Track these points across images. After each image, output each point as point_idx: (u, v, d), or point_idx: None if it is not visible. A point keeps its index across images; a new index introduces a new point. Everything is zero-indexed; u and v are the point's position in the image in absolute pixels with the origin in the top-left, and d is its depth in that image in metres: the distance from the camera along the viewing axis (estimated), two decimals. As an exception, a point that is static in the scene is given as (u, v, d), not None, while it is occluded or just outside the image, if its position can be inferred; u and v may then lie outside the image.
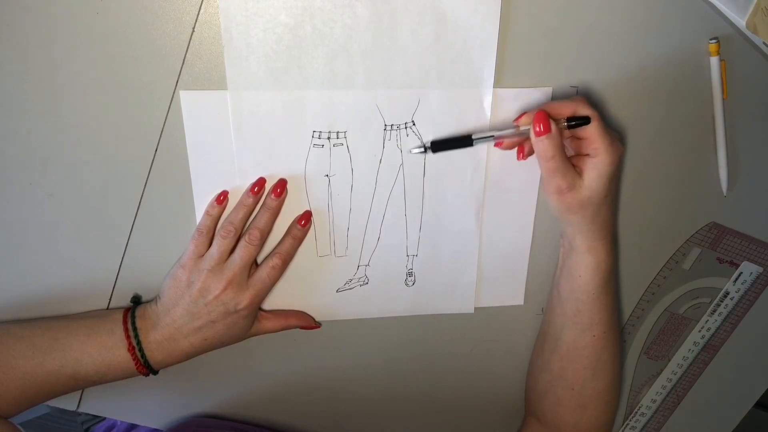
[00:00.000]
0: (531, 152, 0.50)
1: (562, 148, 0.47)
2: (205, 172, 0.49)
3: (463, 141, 0.50)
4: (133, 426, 0.65)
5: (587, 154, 0.48)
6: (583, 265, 0.52)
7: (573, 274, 0.52)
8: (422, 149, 0.51)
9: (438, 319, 0.59)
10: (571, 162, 0.48)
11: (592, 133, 0.47)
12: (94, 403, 0.56)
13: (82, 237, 0.50)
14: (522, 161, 0.52)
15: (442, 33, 0.48)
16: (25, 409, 0.48)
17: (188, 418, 0.58)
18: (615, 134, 0.48)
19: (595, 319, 0.53)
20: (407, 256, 0.55)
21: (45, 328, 0.48)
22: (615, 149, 0.47)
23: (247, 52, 0.46)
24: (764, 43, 0.52)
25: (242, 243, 0.49)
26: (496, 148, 0.52)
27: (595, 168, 0.47)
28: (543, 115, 0.46)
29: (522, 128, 0.48)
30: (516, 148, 0.52)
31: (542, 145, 0.46)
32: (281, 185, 0.50)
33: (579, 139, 0.49)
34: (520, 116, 0.48)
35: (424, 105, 0.50)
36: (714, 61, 0.52)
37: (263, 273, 0.50)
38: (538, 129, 0.46)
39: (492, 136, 0.50)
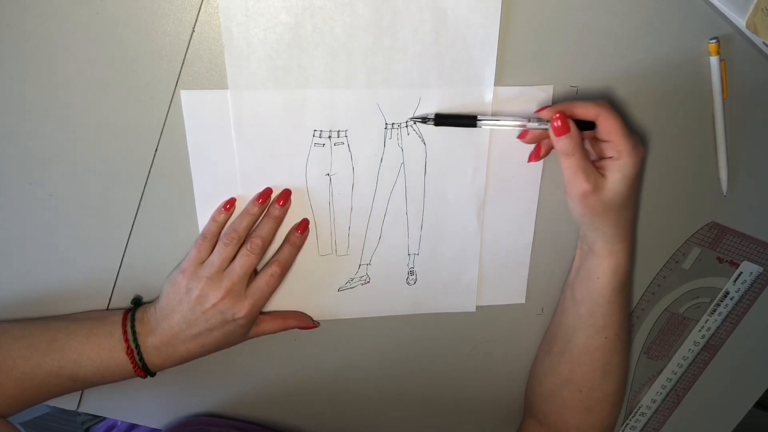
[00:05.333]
0: (546, 154, 0.51)
1: (582, 146, 0.46)
2: (206, 171, 0.49)
3: (466, 119, 0.49)
4: (133, 426, 0.65)
5: (610, 157, 0.47)
6: (602, 268, 0.52)
7: (591, 276, 0.52)
8: (424, 121, 0.50)
9: (439, 318, 0.59)
10: (594, 165, 0.48)
11: (615, 135, 0.46)
12: (94, 403, 0.56)
13: (82, 237, 0.50)
14: (523, 160, 0.52)
15: (442, 32, 0.48)
16: (24, 409, 0.48)
17: (188, 418, 0.58)
18: (636, 136, 0.48)
19: (609, 321, 0.53)
20: (408, 254, 0.55)
21: (44, 329, 0.48)
22: (638, 151, 0.47)
23: (248, 52, 0.46)
24: (764, 43, 0.52)
25: (243, 252, 0.49)
26: (498, 146, 0.52)
27: (619, 170, 0.47)
28: (562, 115, 0.46)
29: (530, 124, 0.48)
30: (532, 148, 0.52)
31: (563, 142, 0.46)
32: (285, 195, 0.50)
33: (602, 141, 0.48)
34: (541, 109, 0.48)
35: (425, 103, 0.50)
36: (714, 61, 0.52)
37: (262, 282, 0.49)
38: (557, 125, 0.46)
39: (497, 119, 0.49)
